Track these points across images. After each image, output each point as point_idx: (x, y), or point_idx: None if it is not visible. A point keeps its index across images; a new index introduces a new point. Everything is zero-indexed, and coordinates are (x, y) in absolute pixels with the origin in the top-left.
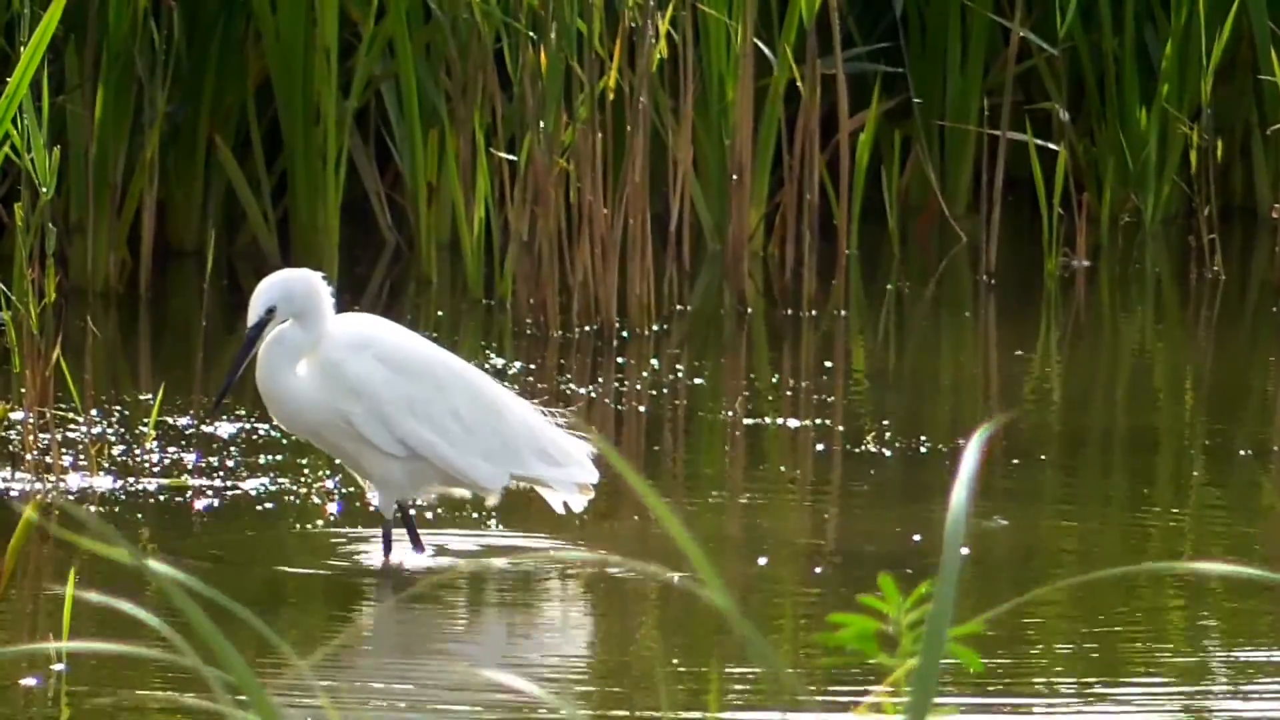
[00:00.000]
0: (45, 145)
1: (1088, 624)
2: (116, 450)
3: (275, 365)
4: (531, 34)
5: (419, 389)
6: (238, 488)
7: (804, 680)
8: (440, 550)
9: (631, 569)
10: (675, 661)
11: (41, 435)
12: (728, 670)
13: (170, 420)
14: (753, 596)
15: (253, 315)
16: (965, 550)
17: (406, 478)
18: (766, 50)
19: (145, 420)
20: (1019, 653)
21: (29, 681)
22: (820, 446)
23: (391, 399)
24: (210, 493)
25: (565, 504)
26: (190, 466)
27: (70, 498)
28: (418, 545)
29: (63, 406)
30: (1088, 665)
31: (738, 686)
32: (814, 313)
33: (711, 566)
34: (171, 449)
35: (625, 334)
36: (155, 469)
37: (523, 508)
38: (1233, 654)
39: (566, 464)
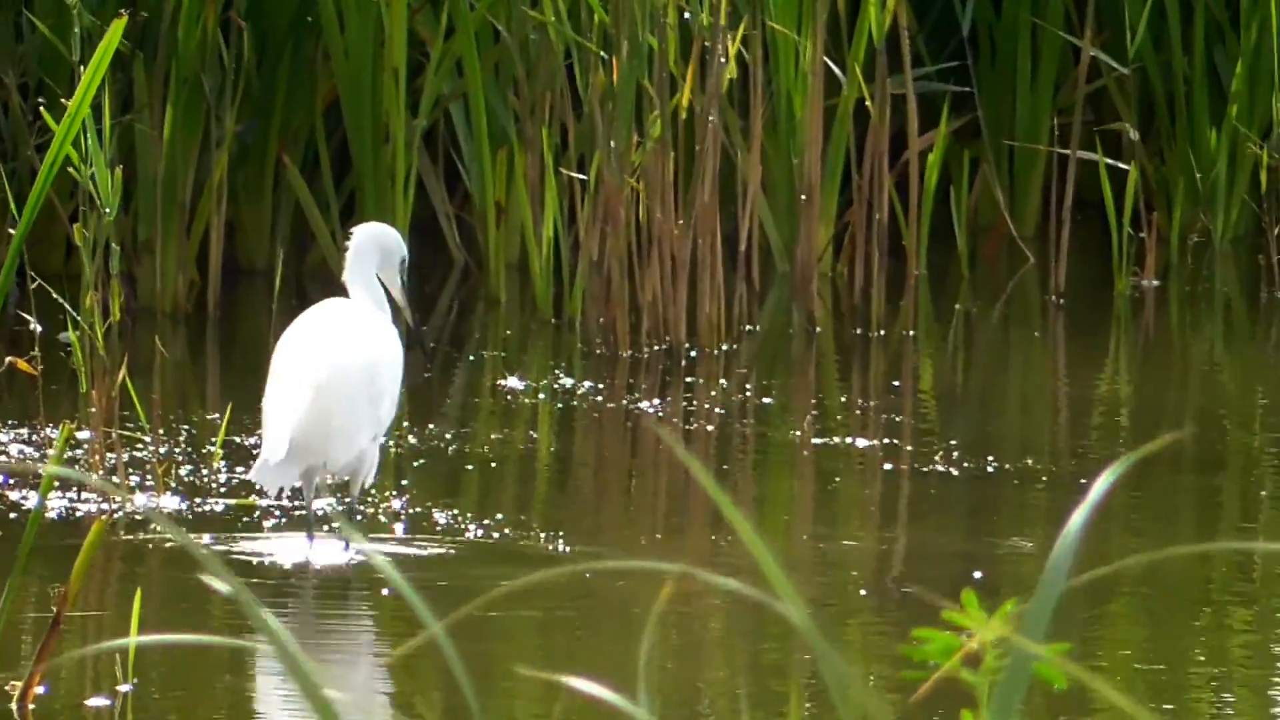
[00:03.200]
0: (108, 165)
1: (1152, 643)
2: (184, 470)
3: None
4: (602, 53)
5: None
6: (304, 508)
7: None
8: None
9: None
10: (739, 678)
11: (108, 455)
12: (804, 690)
13: (238, 440)
14: (819, 615)
15: None
16: (979, 574)
17: None
18: (836, 69)
19: (213, 440)
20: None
21: (96, 702)
22: (888, 466)
23: None
24: (278, 512)
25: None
26: (257, 486)
27: (137, 518)
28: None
29: (130, 426)
30: (1155, 686)
31: (808, 705)
32: (882, 332)
33: (788, 581)
34: (239, 469)
35: (694, 353)
36: (222, 489)
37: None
38: None
39: (263, 442)
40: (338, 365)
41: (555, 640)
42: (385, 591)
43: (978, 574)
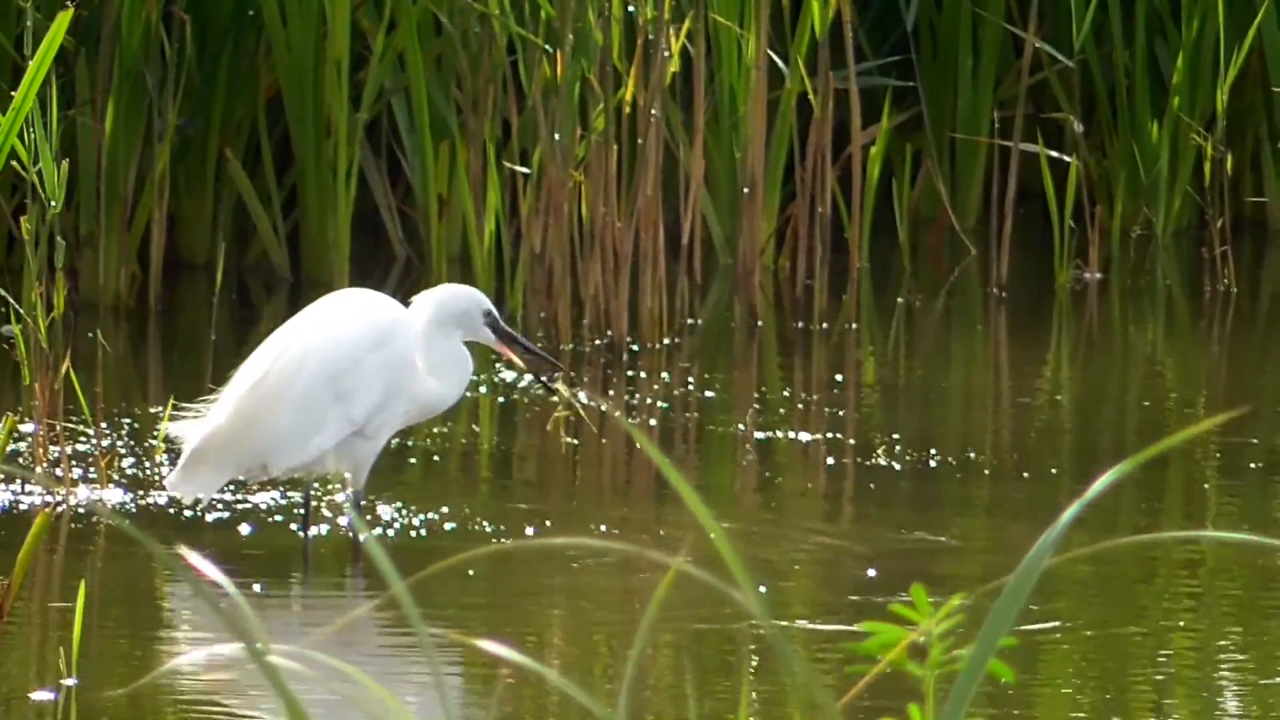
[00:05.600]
0: (54, 158)
1: (1095, 637)
2: (126, 463)
3: None
4: (546, 46)
5: None
6: (247, 500)
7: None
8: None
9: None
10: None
11: (51, 448)
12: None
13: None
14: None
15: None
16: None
17: None
18: (779, 63)
19: (155, 433)
20: (1030, 671)
21: (40, 695)
22: (831, 460)
23: None
24: (220, 505)
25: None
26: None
27: (80, 510)
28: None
29: (73, 419)
30: (1097, 683)
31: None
32: (825, 326)
33: (744, 569)
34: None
35: (636, 347)
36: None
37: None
38: (1250, 676)
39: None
40: (277, 369)
41: (507, 614)
42: (256, 589)
43: (922, 566)
